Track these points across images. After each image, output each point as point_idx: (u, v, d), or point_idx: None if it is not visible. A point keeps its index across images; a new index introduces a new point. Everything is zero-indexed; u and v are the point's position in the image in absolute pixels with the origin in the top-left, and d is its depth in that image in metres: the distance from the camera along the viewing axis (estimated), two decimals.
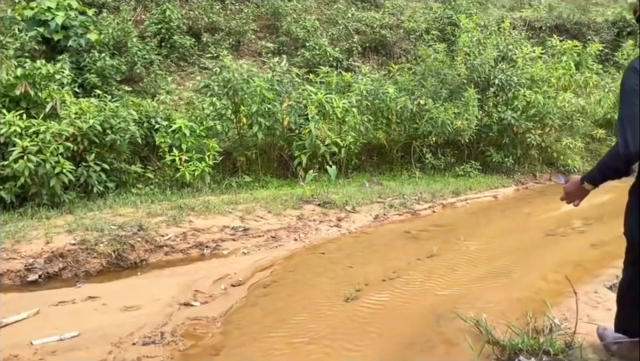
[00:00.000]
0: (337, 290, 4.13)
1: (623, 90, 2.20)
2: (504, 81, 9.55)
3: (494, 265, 4.84)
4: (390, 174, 9.58)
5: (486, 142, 10.06)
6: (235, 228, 5.69)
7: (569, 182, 2.52)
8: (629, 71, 2.23)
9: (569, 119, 9.87)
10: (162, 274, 4.57)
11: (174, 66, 11.26)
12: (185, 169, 7.28)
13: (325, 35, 12.90)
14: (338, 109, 8.53)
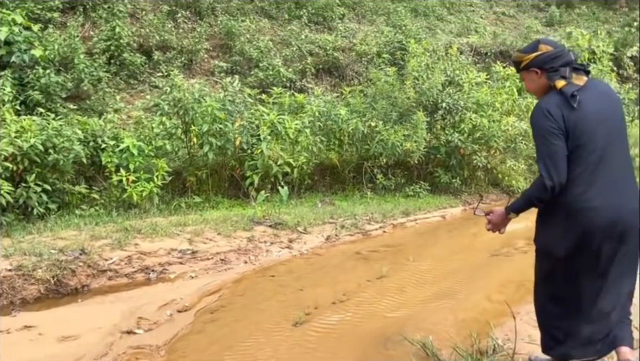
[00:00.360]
0: (286, 314, 4.09)
1: (538, 132, 2.45)
2: (451, 105, 9.85)
3: (441, 285, 4.93)
4: (342, 194, 9.65)
5: (434, 163, 10.30)
6: (183, 251, 5.56)
7: (494, 214, 2.67)
8: (541, 114, 2.45)
9: (512, 141, 10.25)
10: (104, 300, 4.40)
11: (124, 84, 11.03)
12: (132, 190, 7.10)
13: (279, 56, 12.97)
14: (290, 129, 8.55)
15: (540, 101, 2.54)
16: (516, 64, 2.70)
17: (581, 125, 2.40)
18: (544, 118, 2.43)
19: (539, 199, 2.46)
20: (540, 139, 2.44)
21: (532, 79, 2.60)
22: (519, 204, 2.57)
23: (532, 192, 2.49)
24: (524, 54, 2.60)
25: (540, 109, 2.47)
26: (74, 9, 11.96)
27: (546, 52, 2.53)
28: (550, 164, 2.38)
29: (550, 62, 2.51)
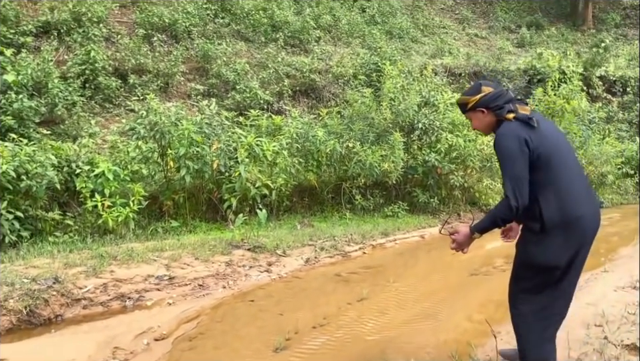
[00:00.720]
0: (266, 340, 4.03)
1: (507, 153, 2.61)
2: (427, 125, 9.98)
3: (422, 306, 4.92)
4: (321, 215, 9.63)
5: (412, 183, 10.39)
6: (160, 277, 5.45)
7: (459, 234, 2.77)
8: (508, 137, 2.63)
9: (488, 160, 10.41)
10: (79, 330, 4.27)
11: (99, 108, 10.92)
12: (108, 215, 6.97)
13: (256, 78, 13.04)
14: (268, 151, 8.54)
15: (500, 129, 2.69)
16: (462, 107, 2.91)
17: (546, 142, 2.62)
18: (512, 140, 2.60)
19: (504, 220, 2.62)
20: (508, 160, 2.58)
21: (478, 118, 2.82)
22: (484, 224, 2.69)
23: (497, 213, 2.62)
24: (469, 97, 2.82)
25: (505, 134, 2.64)
26: (47, 33, 11.87)
27: (489, 92, 2.77)
28: (516, 187, 2.53)
29: (494, 101, 2.75)
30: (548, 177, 2.58)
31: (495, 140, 2.68)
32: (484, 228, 2.69)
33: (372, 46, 16.22)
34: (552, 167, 2.59)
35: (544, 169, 2.58)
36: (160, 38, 13.16)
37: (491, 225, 2.66)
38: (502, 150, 2.63)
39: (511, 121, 2.68)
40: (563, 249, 2.61)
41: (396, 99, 10.38)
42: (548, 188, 2.57)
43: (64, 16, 12.05)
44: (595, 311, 4.19)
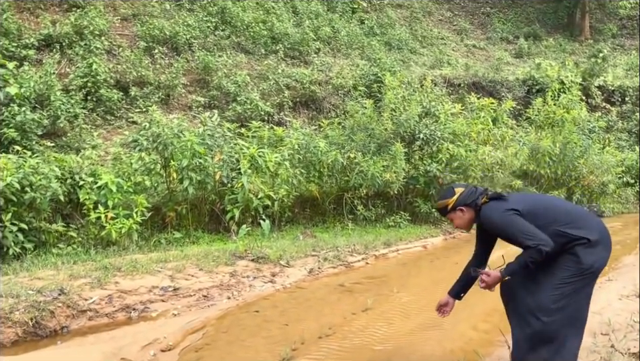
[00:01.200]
0: (272, 350, 4.03)
1: (502, 222, 2.98)
2: (428, 135, 10.03)
3: (426, 316, 4.92)
4: (323, 226, 9.64)
5: (414, 193, 10.41)
6: (164, 288, 5.46)
7: (491, 277, 2.99)
8: (494, 211, 3.02)
9: (489, 170, 10.45)
10: (85, 342, 4.26)
11: (101, 120, 10.97)
12: (111, 226, 6.98)
13: (256, 90, 13.11)
14: (270, 162, 8.57)
15: (483, 212, 3.07)
16: (442, 210, 3.25)
17: (525, 199, 3.10)
18: (499, 212, 2.99)
19: (534, 262, 2.86)
20: (509, 225, 2.95)
21: (459, 216, 3.18)
22: (514, 267, 2.92)
23: (527, 258, 2.86)
24: (447, 200, 3.19)
25: (490, 212, 3.03)
26: (50, 46, 11.95)
27: (462, 192, 3.16)
28: (534, 236, 2.84)
29: (469, 197, 3.13)
30: (550, 218, 2.95)
31: (484, 221, 3.08)
32: (514, 271, 2.93)
33: (372, 57, 16.35)
34: (549, 209, 3.03)
35: (542, 215, 2.96)
36: (161, 50, 13.26)
37: (521, 268, 2.89)
38: (497, 222, 3.00)
39: (487, 203, 3.08)
40: (605, 253, 2.97)
41: (397, 109, 10.44)
42: (559, 223, 2.94)
43: (65, 29, 12.14)
44: (601, 320, 4.21)
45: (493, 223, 3.04)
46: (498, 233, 3.07)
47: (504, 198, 3.08)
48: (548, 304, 2.90)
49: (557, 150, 12.27)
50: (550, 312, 2.89)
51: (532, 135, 12.98)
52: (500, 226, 3.00)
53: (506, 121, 12.19)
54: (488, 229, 3.13)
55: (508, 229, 2.96)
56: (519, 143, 11.99)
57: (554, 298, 2.89)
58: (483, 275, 3.03)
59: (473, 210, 3.14)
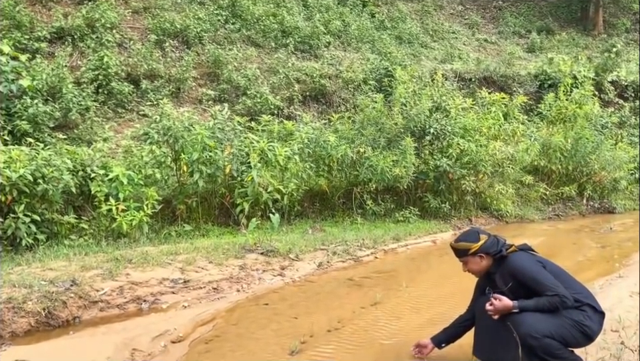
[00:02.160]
0: (282, 343, 4.05)
1: (532, 271, 3.11)
2: (438, 130, 9.98)
3: (436, 310, 4.93)
4: (332, 220, 9.65)
5: (423, 188, 10.38)
6: (175, 280, 5.50)
7: (502, 303, 3.06)
8: (525, 260, 3.18)
9: (500, 166, 10.39)
10: (97, 332, 4.31)
11: (112, 113, 11.04)
12: (122, 219, 7.04)
13: (266, 83, 13.12)
14: (280, 156, 8.59)
15: (515, 260, 3.18)
16: (462, 252, 3.30)
17: (547, 262, 3.24)
18: (530, 262, 3.17)
19: (550, 309, 2.99)
20: (539, 275, 3.08)
21: (477, 262, 3.27)
22: (528, 305, 3.03)
23: (546, 303, 2.99)
24: (471, 243, 3.25)
25: (522, 260, 3.17)
26: (61, 39, 12.02)
27: (487, 239, 3.25)
28: (560, 290, 3.00)
29: (492, 247, 3.22)
30: (566, 283, 3.11)
31: (516, 266, 3.15)
32: (527, 308, 3.02)
33: (382, 51, 16.27)
34: (560, 276, 3.16)
35: (560, 278, 3.12)
36: (172, 43, 13.30)
37: (534, 308, 3.01)
38: (527, 268, 3.12)
39: (517, 252, 3.21)
40: (600, 328, 3.12)
41: (408, 104, 10.40)
42: (575, 288, 3.13)
43: (77, 22, 12.20)
44: (611, 317, 4.17)
45: (523, 272, 3.12)
46: (525, 278, 3.10)
47: (533, 251, 3.30)
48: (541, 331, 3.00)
49: (568, 145, 12.16)
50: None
51: (543, 130, 12.87)
52: (530, 272, 3.10)
53: (517, 116, 12.10)
54: (509, 276, 3.17)
55: (537, 276, 3.07)
56: (530, 138, 11.90)
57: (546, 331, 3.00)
58: (496, 300, 3.08)
59: (492, 258, 3.24)
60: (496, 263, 3.26)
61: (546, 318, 3.00)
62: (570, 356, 3.05)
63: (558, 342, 2.98)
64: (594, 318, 3.06)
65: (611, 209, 12.77)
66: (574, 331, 3.00)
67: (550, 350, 2.95)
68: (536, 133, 12.40)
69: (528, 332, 2.94)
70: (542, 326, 2.97)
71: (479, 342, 3.43)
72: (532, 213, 11.52)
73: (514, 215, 11.02)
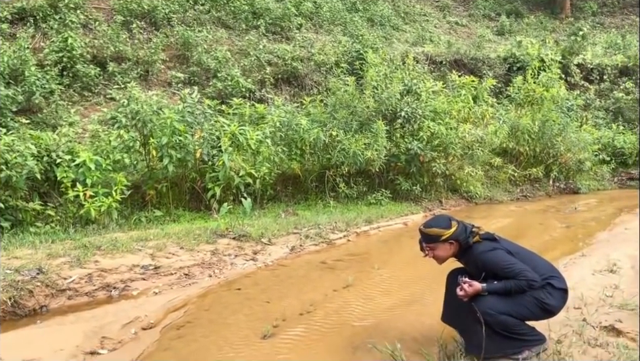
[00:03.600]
0: (254, 327, 4.06)
1: (498, 259, 3.15)
2: (409, 113, 10.04)
3: (406, 292, 5.00)
4: (305, 203, 9.66)
5: (395, 171, 10.46)
6: (145, 267, 5.44)
7: (473, 287, 3.11)
8: (490, 249, 3.20)
9: (469, 148, 10.53)
10: (65, 321, 4.24)
11: (78, 96, 10.75)
12: (90, 205, 6.90)
13: (237, 66, 12.94)
14: (252, 140, 8.52)
15: (480, 250, 3.21)
16: (433, 237, 3.27)
17: (509, 244, 3.31)
18: (495, 250, 3.19)
19: (517, 291, 3.06)
20: (505, 262, 3.13)
21: (446, 249, 3.26)
22: (498, 289, 3.08)
23: (515, 286, 3.05)
24: (443, 230, 3.24)
25: (486, 250, 3.20)
26: (23, 20, 11.62)
27: (458, 227, 3.25)
28: (528, 273, 3.06)
29: (462, 234, 3.23)
30: (532, 265, 3.17)
31: (482, 258, 3.18)
32: (496, 291, 3.08)
33: (354, 34, 16.21)
34: (525, 258, 3.22)
35: (527, 261, 3.19)
36: (140, 25, 12.98)
37: (504, 291, 3.07)
38: (494, 259, 3.15)
39: (480, 242, 3.23)
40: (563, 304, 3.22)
41: (379, 87, 10.41)
42: (538, 267, 3.19)
43: (40, 2, 11.80)
44: (574, 294, 4.30)
45: (489, 260, 3.16)
46: (495, 268, 3.14)
47: (496, 239, 3.28)
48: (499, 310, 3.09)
49: (536, 128, 12.40)
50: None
51: (511, 113, 13.08)
52: (497, 263, 3.14)
53: (486, 99, 12.25)
54: (479, 265, 3.20)
55: (505, 266, 3.11)
56: (499, 120, 12.09)
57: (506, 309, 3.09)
58: (465, 284, 3.13)
59: (459, 246, 3.26)
60: (462, 250, 3.29)
61: (508, 297, 3.09)
62: (530, 331, 3.15)
63: (516, 318, 3.07)
64: (556, 294, 3.15)
65: (576, 189, 13.12)
66: (534, 308, 3.10)
67: (507, 325, 3.06)
68: (504, 115, 12.60)
69: (484, 310, 3.03)
70: (500, 303, 3.06)
71: (447, 310, 3.52)
72: (501, 194, 11.75)
73: (483, 196, 11.21)
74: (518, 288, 3.06)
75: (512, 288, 3.06)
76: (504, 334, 3.07)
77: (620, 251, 6.11)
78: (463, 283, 3.15)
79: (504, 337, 3.08)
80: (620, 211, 9.93)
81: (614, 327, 3.58)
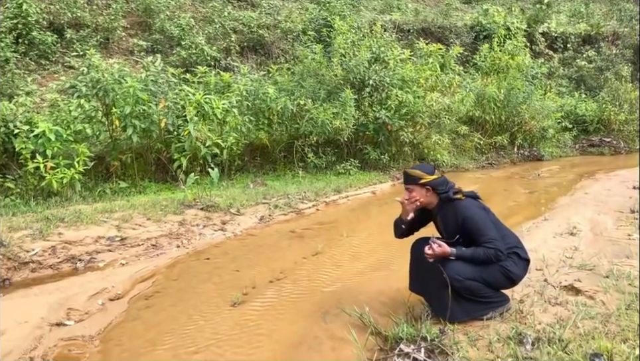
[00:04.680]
0: (224, 295, 4.06)
1: (478, 219, 3.19)
2: (377, 81, 10.02)
3: (375, 258, 5.07)
4: (273, 174, 9.62)
5: (363, 140, 10.49)
6: (111, 238, 5.35)
7: (442, 248, 3.15)
8: (474, 208, 3.25)
9: (437, 117, 10.62)
10: (29, 293, 4.14)
11: (35, 65, 10.33)
12: (52, 177, 6.71)
13: (202, 34, 12.61)
14: (218, 109, 8.37)
15: (463, 205, 3.25)
16: (413, 179, 3.33)
17: (491, 213, 3.38)
18: (479, 210, 3.26)
19: (484, 261, 3.13)
20: (484, 225, 3.19)
21: (423, 194, 3.33)
22: (464, 254, 3.15)
23: (482, 255, 3.12)
24: (425, 174, 3.31)
25: (470, 207, 3.25)
26: None
27: (440, 177, 3.34)
28: (499, 244, 3.14)
29: (441, 185, 3.31)
30: (501, 231, 3.28)
31: (465, 214, 3.20)
32: (463, 257, 3.14)
33: (321, 1, 15.91)
34: (498, 226, 3.29)
35: (499, 228, 3.29)
36: None
37: (470, 258, 3.14)
38: (475, 218, 3.20)
39: (463, 199, 3.27)
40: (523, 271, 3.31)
41: (347, 55, 10.33)
42: (507, 237, 3.29)
43: None
44: (536, 256, 4.44)
45: (471, 218, 3.19)
46: (471, 226, 3.18)
47: (479, 198, 3.36)
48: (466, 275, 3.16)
49: (501, 96, 12.56)
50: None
51: (478, 81, 13.20)
52: (476, 223, 3.18)
53: (453, 68, 12.32)
54: (458, 221, 3.22)
55: (483, 228, 3.17)
56: (466, 89, 12.19)
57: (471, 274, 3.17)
58: (435, 244, 3.15)
59: (437, 197, 3.31)
60: (440, 204, 3.33)
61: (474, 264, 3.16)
62: (494, 294, 3.24)
63: (481, 283, 3.15)
64: (519, 264, 3.25)
65: (539, 156, 13.44)
66: (498, 275, 3.18)
67: (473, 290, 3.14)
68: (471, 84, 12.70)
69: (452, 275, 3.09)
70: (467, 269, 3.13)
71: (414, 277, 3.58)
72: (467, 162, 11.94)
73: (450, 164, 11.38)
74: (485, 257, 3.12)
75: (480, 257, 3.13)
76: (470, 298, 3.15)
77: (580, 214, 6.32)
78: (433, 242, 3.18)
79: (469, 300, 3.16)
80: (580, 177, 10.24)
81: (573, 286, 3.72)
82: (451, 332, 2.98)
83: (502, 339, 2.91)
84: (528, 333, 2.90)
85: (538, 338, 2.85)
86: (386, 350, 2.94)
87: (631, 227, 5.50)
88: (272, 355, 3.12)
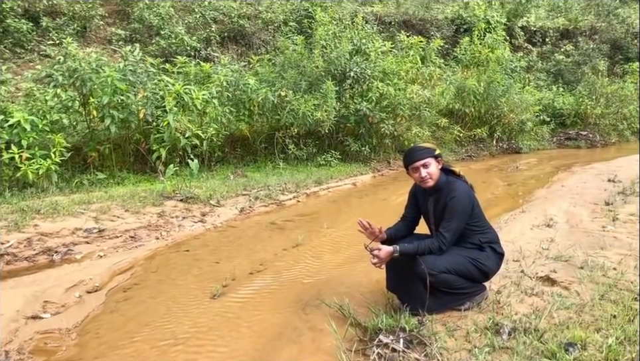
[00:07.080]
0: (203, 287, 4.04)
1: (461, 210, 3.17)
2: (359, 73, 10.02)
3: (355, 249, 5.09)
4: (254, 165, 9.58)
5: (344, 132, 10.49)
6: (88, 230, 5.28)
7: (383, 251, 3.13)
8: (467, 197, 3.21)
9: (417, 109, 10.66)
10: (4, 286, 4.07)
11: (9, 53, 10.10)
12: (27, 167, 6.58)
13: (181, 23, 12.46)
14: (197, 100, 8.29)
15: (460, 188, 3.22)
16: (428, 150, 3.27)
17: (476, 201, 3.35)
18: (469, 201, 3.22)
19: (428, 253, 3.15)
20: (460, 217, 3.17)
21: (437, 167, 3.27)
22: (408, 249, 3.15)
23: (425, 247, 3.14)
24: (436, 149, 3.31)
25: (465, 194, 3.21)
26: None
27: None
28: (453, 239, 3.17)
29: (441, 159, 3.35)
30: (483, 223, 3.30)
31: (457, 196, 3.17)
32: (408, 252, 3.14)
33: None
34: (481, 217, 3.32)
35: (479, 217, 3.28)
36: None
37: (414, 252, 3.14)
38: (460, 208, 3.17)
39: (462, 180, 3.30)
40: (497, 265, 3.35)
41: (328, 46, 10.30)
42: (488, 230, 3.33)
43: None
44: (514, 248, 4.51)
45: (458, 203, 3.17)
46: (449, 207, 3.16)
47: (470, 186, 3.36)
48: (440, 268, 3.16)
49: (481, 89, 12.67)
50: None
51: (458, 74, 13.29)
52: (457, 211, 3.16)
53: (434, 60, 12.38)
54: (451, 199, 3.18)
55: (455, 218, 3.17)
56: (446, 81, 12.26)
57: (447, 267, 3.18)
58: (375, 251, 3.14)
59: (440, 173, 3.29)
60: (439, 184, 3.27)
61: (446, 256, 3.18)
62: (470, 284, 3.28)
63: (455, 275, 3.19)
64: (493, 258, 3.29)
65: (517, 149, 13.61)
66: (471, 267, 3.22)
67: (449, 283, 3.18)
68: (451, 76, 12.78)
69: (426, 269, 3.11)
70: (440, 262, 3.15)
71: (390, 278, 3.58)
72: (447, 154, 12.04)
73: None
74: (429, 251, 3.14)
75: (423, 252, 3.14)
76: (445, 290, 3.18)
77: (556, 206, 6.42)
78: (371, 250, 3.17)
79: (446, 293, 3.20)
80: (558, 169, 10.40)
81: (549, 277, 3.78)
82: (430, 323, 3.01)
83: (480, 329, 2.95)
84: (505, 323, 2.95)
85: (515, 328, 2.90)
86: (365, 340, 2.96)
87: (605, 219, 5.62)
88: (252, 346, 3.12)
